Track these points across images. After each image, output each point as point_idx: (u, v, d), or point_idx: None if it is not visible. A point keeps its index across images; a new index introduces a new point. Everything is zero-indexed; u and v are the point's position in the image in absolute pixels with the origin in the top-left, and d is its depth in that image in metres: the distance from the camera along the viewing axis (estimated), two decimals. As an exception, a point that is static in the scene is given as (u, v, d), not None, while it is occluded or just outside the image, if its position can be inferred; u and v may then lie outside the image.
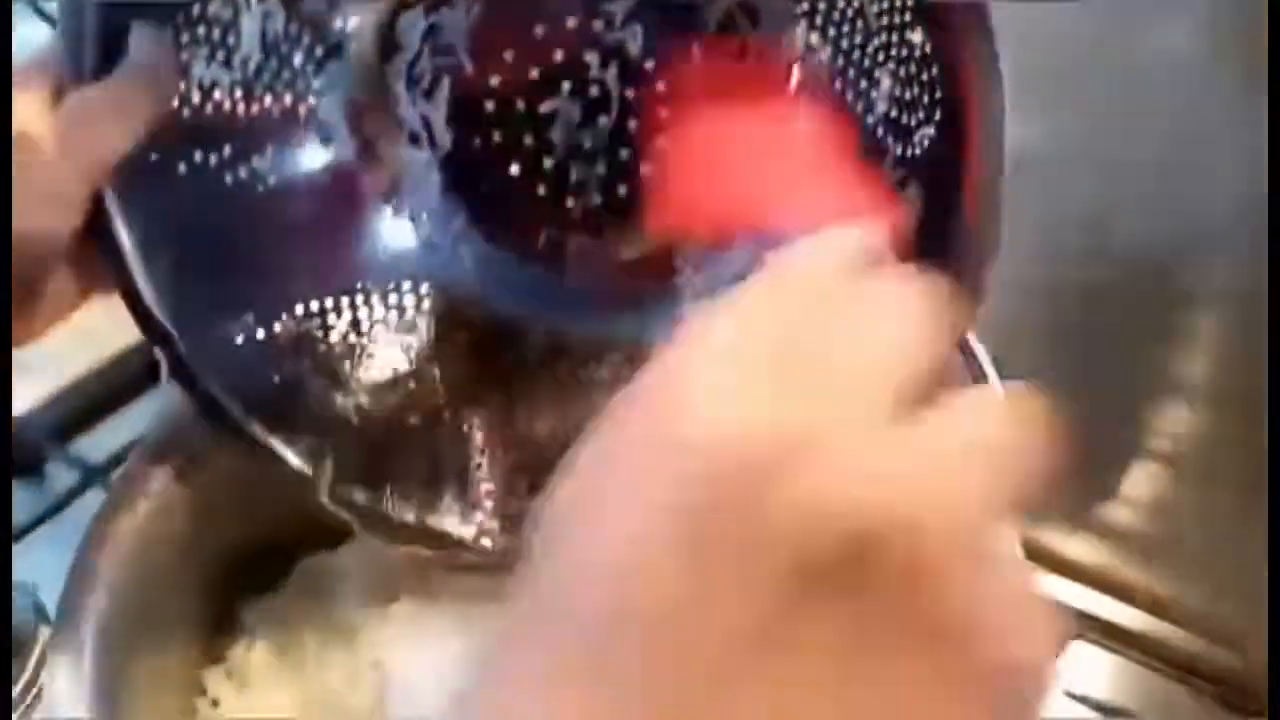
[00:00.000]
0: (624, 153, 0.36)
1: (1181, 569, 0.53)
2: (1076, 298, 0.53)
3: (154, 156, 0.32)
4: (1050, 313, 0.53)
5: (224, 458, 0.42)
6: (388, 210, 0.37)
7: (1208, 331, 0.52)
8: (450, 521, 0.36)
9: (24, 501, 0.56)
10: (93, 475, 0.56)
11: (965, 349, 0.29)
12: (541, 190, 0.37)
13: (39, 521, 0.54)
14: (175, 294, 0.33)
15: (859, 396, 0.18)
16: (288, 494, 0.46)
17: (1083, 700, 0.47)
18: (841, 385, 0.19)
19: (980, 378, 0.29)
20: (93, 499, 0.53)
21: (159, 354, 0.33)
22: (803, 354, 0.19)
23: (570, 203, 0.37)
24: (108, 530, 0.39)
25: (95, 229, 0.31)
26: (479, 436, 0.37)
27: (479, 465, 0.37)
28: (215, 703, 0.44)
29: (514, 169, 0.36)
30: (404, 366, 0.37)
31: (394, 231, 0.37)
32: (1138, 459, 0.55)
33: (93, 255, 0.32)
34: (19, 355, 0.63)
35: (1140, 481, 0.55)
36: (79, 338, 0.64)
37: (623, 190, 0.36)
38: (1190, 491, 0.53)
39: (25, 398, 0.59)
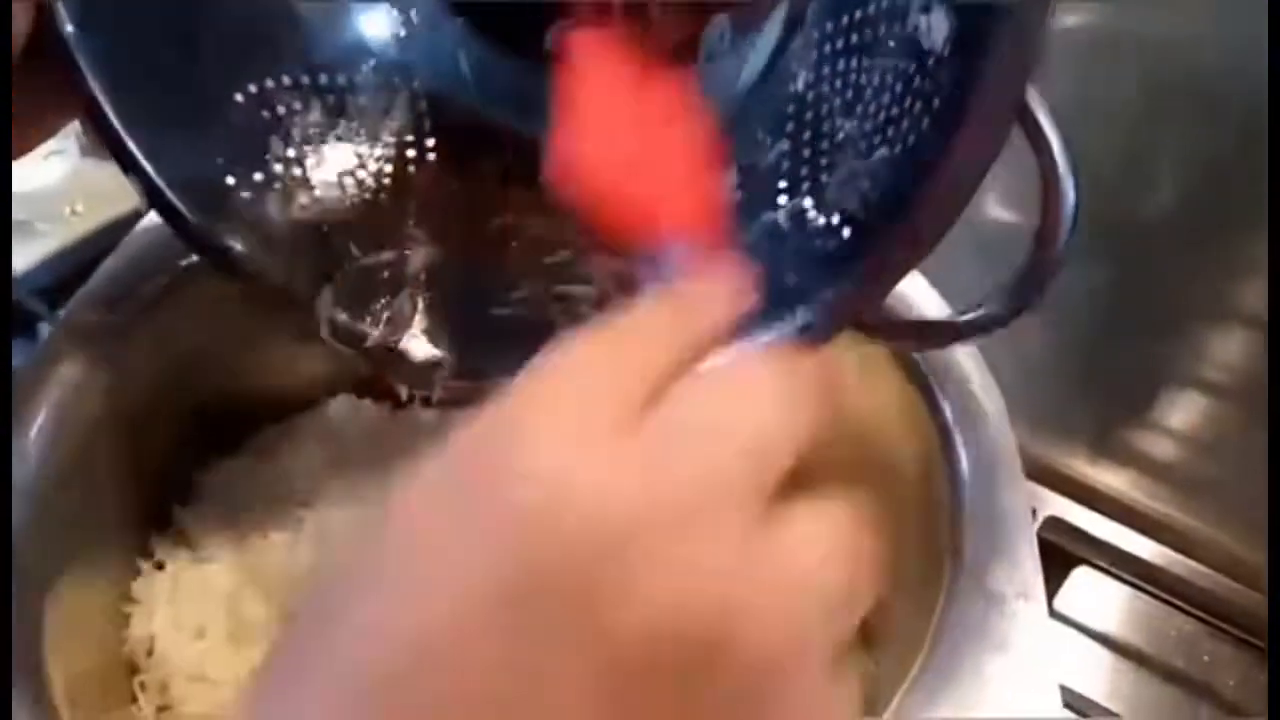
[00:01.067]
0: None
1: (1214, 505, 0.49)
2: (1130, 217, 0.48)
3: None
4: (1102, 234, 0.49)
5: (146, 332, 0.40)
6: (381, 14, 0.34)
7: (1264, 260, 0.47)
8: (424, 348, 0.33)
9: (16, 358, 0.55)
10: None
11: (1030, 123, 0.24)
12: None
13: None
14: (146, 111, 0.29)
15: (731, 493, 0.17)
16: (239, 358, 0.45)
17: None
18: (712, 476, 0.17)
19: (1047, 155, 0.24)
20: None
21: (132, 182, 0.30)
22: (662, 426, 0.18)
23: None
24: (22, 413, 0.37)
25: (53, 41, 0.28)
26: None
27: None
28: (160, 565, 0.42)
29: None
30: (398, 186, 0.33)
31: (383, 35, 0.34)
32: (1184, 388, 0.50)
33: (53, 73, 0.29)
34: (22, 221, 0.63)
35: (1183, 413, 0.50)
36: (87, 203, 0.64)
37: None
38: (1234, 426, 0.49)
39: (25, 258, 0.59)
